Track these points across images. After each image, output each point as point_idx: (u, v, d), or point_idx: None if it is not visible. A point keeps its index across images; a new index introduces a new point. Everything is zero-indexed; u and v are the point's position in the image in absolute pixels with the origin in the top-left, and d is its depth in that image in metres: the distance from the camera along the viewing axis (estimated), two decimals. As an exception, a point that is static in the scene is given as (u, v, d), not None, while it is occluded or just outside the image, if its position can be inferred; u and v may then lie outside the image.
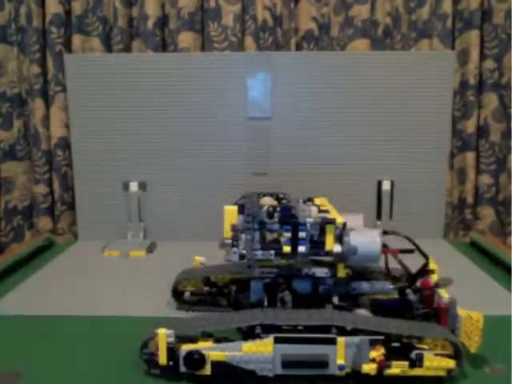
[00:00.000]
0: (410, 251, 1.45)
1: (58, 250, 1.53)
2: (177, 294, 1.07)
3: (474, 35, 1.60)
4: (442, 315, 0.85)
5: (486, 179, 1.68)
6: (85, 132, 1.58)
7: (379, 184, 1.59)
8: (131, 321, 1.02)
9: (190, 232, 1.60)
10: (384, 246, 0.93)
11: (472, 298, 1.07)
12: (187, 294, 1.06)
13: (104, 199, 1.61)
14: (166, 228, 1.61)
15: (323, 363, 0.77)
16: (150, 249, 1.52)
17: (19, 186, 1.72)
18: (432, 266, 0.97)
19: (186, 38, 1.61)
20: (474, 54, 1.60)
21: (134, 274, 1.32)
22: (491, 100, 1.65)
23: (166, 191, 1.60)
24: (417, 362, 0.76)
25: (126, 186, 1.60)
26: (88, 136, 1.58)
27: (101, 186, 1.60)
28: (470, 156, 1.66)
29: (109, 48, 1.65)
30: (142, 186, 1.60)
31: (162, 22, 1.64)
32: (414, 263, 1.00)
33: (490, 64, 1.63)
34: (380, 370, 0.75)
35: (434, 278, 0.95)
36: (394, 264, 1.08)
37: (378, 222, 1.60)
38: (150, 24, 1.61)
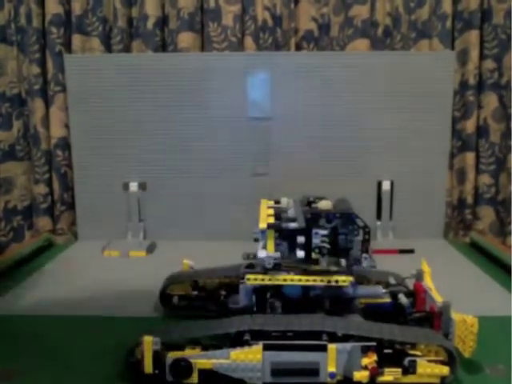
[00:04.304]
0: (409, 251, 1.47)
1: (58, 250, 1.53)
2: (165, 298, 1.05)
3: (473, 35, 1.60)
4: (435, 319, 0.84)
5: (485, 179, 1.67)
6: (85, 132, 1.58)
7: (379, 184, 1.59)
8: (131, 321, 1.02)
9: (190, 232, 1.59)
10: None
11: (471, 298, 1.08)
12: (175, 298, 1.04)
13: (104, 199, 1.61)
14: (166, 228, 1.61)
15: (314, 371, 0.75)
16: (150, 249, 1.52)
17: (19, 186, 1.71)
18: (425, 267, 0.96)
19: (185, 38, 1.61)
20: (474, 54, 1.60)
21: (134, 274, 1.32)
22: (491, 100, 1.64)
23: (166, 191, 1.60)
24: (410, 369, 0.75)
25: (126, 186, 1.60)
26: (88, 136, 1.58)
27: (101, 186, 1.60)
28: (470, 156, 1.66)
29: (109, 48, 1.65)
30: (142, 186, 1.60)
31: (162, 22, 1.64)
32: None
33: (489, 64, 1.63)
34: (372, 377, 0.74)
35: (427, 280, 0.94)
36: (385, 267, 1.08)
37: (378, 223, 1.60)
38: (149, 24, 1.61)
